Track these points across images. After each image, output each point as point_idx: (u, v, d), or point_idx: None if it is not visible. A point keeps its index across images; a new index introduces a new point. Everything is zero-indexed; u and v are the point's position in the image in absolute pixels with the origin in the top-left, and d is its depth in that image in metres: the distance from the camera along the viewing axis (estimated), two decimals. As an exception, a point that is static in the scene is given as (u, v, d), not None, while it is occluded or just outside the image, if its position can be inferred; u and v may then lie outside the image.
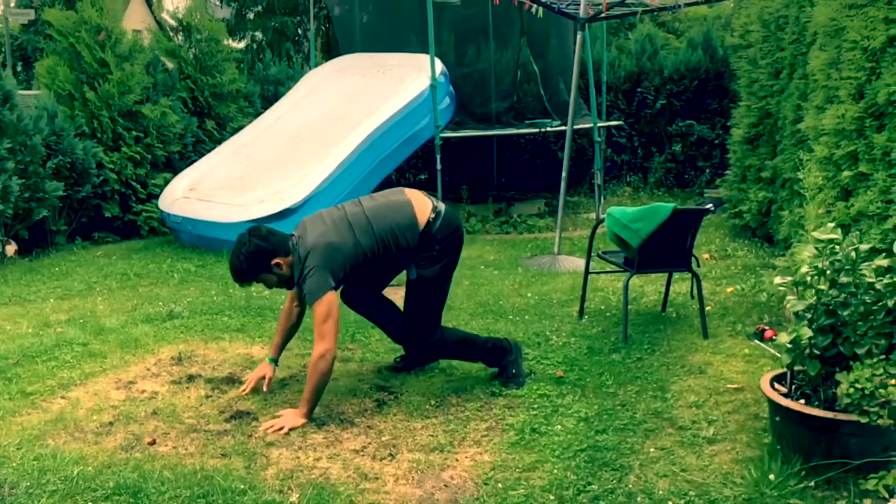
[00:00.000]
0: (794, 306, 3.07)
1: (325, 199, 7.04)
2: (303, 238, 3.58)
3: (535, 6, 8.06)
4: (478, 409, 3.65)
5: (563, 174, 7.30)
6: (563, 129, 8.71)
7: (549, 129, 9.48)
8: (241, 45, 15.69)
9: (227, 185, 7.76)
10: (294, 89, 9.54)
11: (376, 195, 3.89)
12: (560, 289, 5.81)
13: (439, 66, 8.43)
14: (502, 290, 5.87)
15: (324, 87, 9.21)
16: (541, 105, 10.01)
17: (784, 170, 6.14)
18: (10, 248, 7.39)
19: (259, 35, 16.05)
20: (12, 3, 15.70)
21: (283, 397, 3.82)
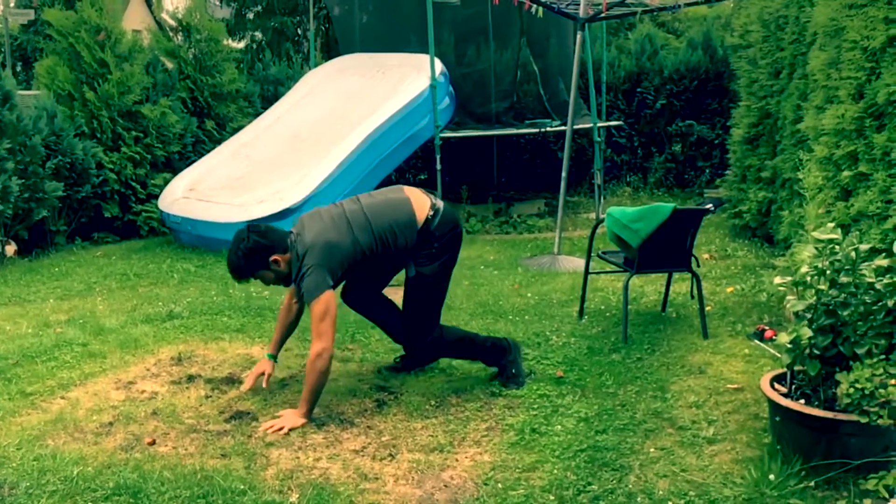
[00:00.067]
0: (794, 306, 3.07)
1: (325, 199, 7.03)
2: (301, 236, 3.57)
3: (535, 6, 8.06)
4: (478, 409, 3.65)
5: (562, 174, 7.30)
6: (562, 129, 8.71)
7: (548, 129, 9.48)
8: (240, 45, 15.69)
9: (227, 186, 7.76)
10: (294, 89, 9.53)
11: (375, 193, 3.89)
12: (560, 289, 5.81)
13: (439, 67, 8.43)
14: (502, 290, 5.87)
15: (323, 87, 9.21)
16: (541, 105, 10.01)
17: (784, 170, 6.14)
18: (10, 249, 7.39)
19: (259, 35, 16.05)
20: (12, 4, 15.69)
21: (283, 397, 3.82)
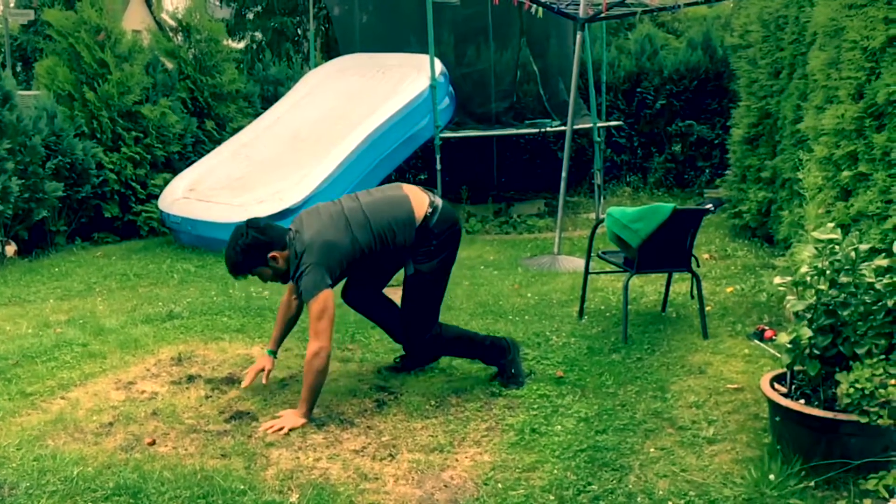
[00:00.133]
0: (794, 306, 3.07)
1: (325, 199, 6.89)
2: (300, 233, 3.56)
3: (535, 6, 8.06)
4: (478, 409, 3.65)
5: (562, 174, 7.30)
6: (562, 129, 8.72)
7: (548, 129, 9.48)
8: (240, 45, 15.70)
9: (227, 186, 7.76)
10: (294, 89, 9.53)
11: (373, 190, 3.88)
12: (560, 289, 5.81)
13: (439, 67, 8.43)
14: (502, 290, 5.87)
15: (323, 87, 9.21)
16: (540, 105, 10.01)
17: (784, 170, 6.14)
18: (10, 249, 7.39)
19: (259, 35, 16.05)
20: (12, 4, 15.69)
21: (283, 397, 3.82)
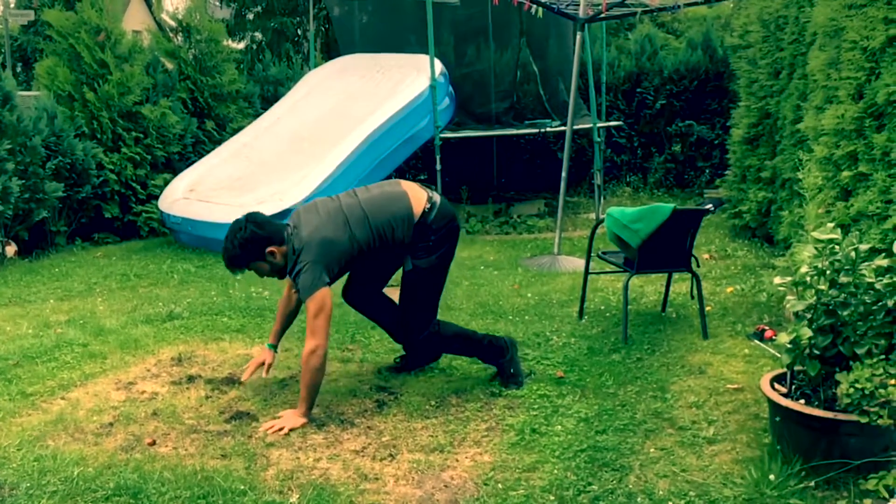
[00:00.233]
0: (794, 306, 3.07)
1: (325, 199, 7.04)
2: (298, 229, 3.55)
3: (535, 6, 8.06)
4: (478, 409, 3.65)
5: (562, 174, 7.30)
6: (562, 129, 8.72)
7: (548, 129, 9.48)
8: (240, 45, 15.71)
9: (227, 186, 7.76)
10: (294, 90, 9.53)
11: (371, 186, 3.86)
12: (560, 289, 5.81)
13: (439, 67, 8.43)
14: (502, 290, 5.87)
15: (323, 87, 9.21)
16: (540, 105, 10.02)
17: (784, 170, 6.14)
18: (10, 249, 7.39)
19: (259, 36, 16.06)
20: (12, 4, 15.70)
21: (283, 398, 3.82)
